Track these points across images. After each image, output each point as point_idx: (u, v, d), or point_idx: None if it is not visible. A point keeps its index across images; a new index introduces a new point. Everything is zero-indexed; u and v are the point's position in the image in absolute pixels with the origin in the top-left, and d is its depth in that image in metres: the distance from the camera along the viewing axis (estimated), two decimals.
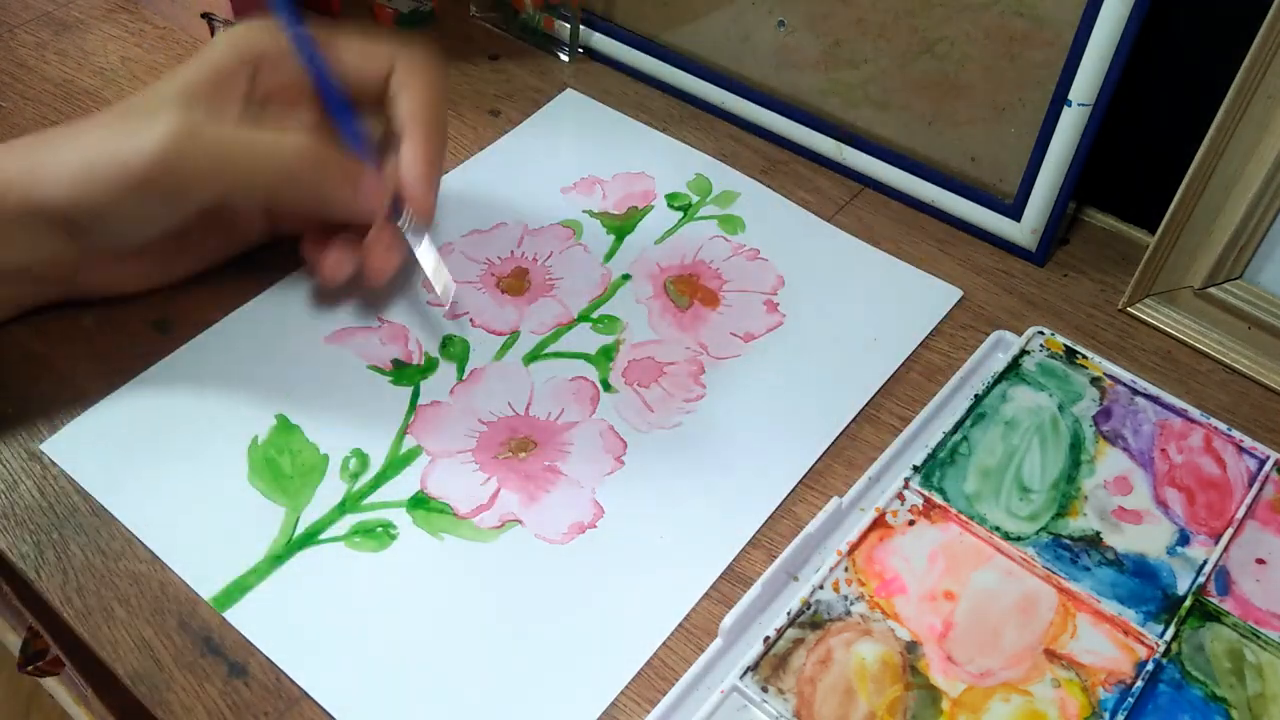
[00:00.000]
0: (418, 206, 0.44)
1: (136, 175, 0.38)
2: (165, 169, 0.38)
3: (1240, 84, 0.42)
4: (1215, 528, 0.40)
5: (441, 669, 0.36)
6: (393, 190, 0.44)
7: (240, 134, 0.40)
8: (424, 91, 0.44)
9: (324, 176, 0.41)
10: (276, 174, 0.40)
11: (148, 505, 0.40)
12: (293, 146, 0.40)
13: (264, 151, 0.40)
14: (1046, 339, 0.46)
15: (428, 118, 0.44)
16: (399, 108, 0.44)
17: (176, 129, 0.38)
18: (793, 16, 0.53)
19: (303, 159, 0.40)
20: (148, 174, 0.38)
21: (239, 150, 0.40)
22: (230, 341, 0.45)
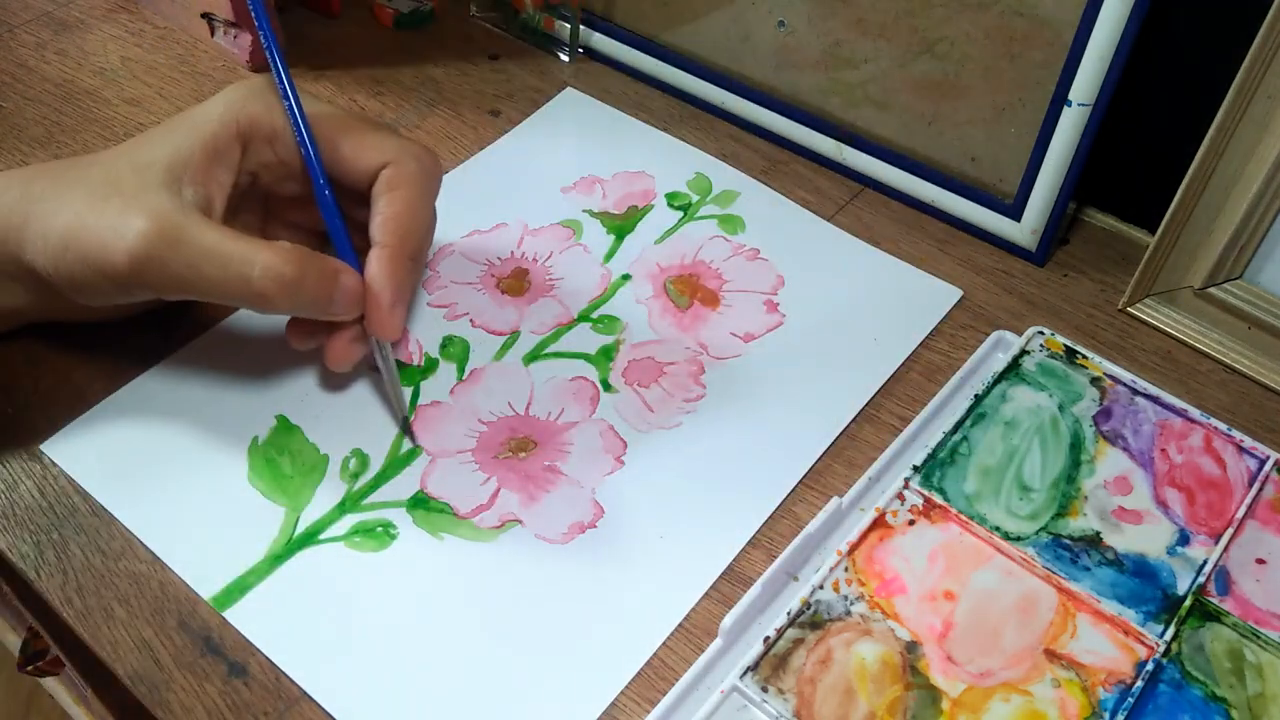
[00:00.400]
0: (379, 324, 0.40)
1: (114, 268, 0.37)
2: (139, 270, 0.37)
3: (1240, 84, 0.42)
4: (1215, 528, 0.40)
5: (441, 669, 0.36)
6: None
7: (217, 244, 0.37)
8: (409, 201, 0.41)
9: (296, 295, 0.38)
10: (245, 295, 0.38)
11: (148, 505, 0.40)
12: (264, 267, 0.37)
13: (237, 271, 0.37)
14: (1046, 339, 0.46)
15: (406, 231, 0.40)
16: (379, 212, 0.40)
17: (156, 228, 0.36)
18: (793, 16, 0.53)
19: (277, 282, 0.37)
20: (124, 271, 0.37)
21: (212, 264, 0.37)
22: (230, 341, 0.45)
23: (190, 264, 0.37)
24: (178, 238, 0.37)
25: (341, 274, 0.39)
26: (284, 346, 0.45)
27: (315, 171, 0.41)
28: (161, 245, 0.37)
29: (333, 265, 0.39)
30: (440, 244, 0.50)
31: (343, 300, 0.39)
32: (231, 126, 0.40)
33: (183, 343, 0.45)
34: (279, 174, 0.42)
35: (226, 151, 0.40)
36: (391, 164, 0.41)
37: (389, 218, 0.40)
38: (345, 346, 0.41)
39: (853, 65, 0.52)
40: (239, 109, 0.40)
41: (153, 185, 0.38)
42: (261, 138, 0.41)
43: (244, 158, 0.41)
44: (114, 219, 0.37)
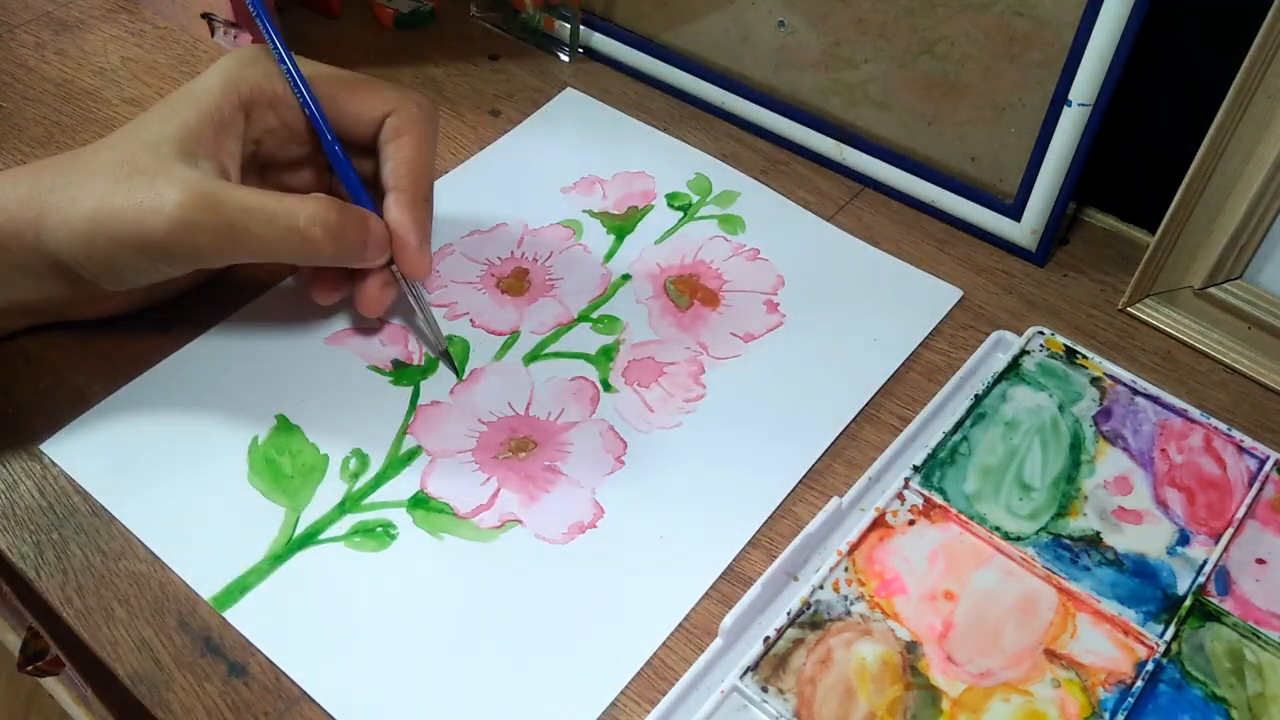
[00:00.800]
0: (412, 265, 0.42)
1: (155, 241, 0.37)
2: (184, 236, 0.37)
3: (1240, 84, 0.42)
4: (1215, 528, 0.40)
5: (441, 669, 0.36)
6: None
7: (256, 200, 0.38)
8: (418, 145, 0.42)
9: (340, 240, 0.40)
10: (295, 246, 0.39)
11: (148, 505, 0.40)
12: (309, 218, 0.39)
13: (282, 222, 0.38)
14: (1046, 339, 0.46)
15: (419, 173, 0.42)
16: (390, 158, 0.42)
17: (193, 196, 0.37)
18: (793, 16, 0.53)
19: (323, 228, 0.39)
20: (166, 241, 0.37)
21: (258, 221, 0.38)
22: (231, 342, 0.45)
23: (234, 224, 0.38)
24: (216, 201, 0.38)
25: (370, 220, 0.41)
26: (284, 346, 0.45)
27: (323, 128, 0.42)
28: (201, 211, 0.37)
29: (363, 212, 0.41)
30: (440, 244, 0.50)
31: (375, 244, 0.41)
32: (233, 96, 0.41)
33: (183, 343, 0.45)
34: (282, 138, 0.43)
35: (232, 122, 0.41)
36: (394, 112, 0.42)
37: (400, 162, 0.42)
38: (378, 292, 0.43)
39: (853, 65, 0.52)
40: (238, 78, 0.41)
41: (171, 160, 0.38)
42: (264, 104, 0.42)
43: (248, 126, 0.42)
44: (144, 195, 0.37)
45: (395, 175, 0.42)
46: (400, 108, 0.42)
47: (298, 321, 0.46)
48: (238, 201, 0.38)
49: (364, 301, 0.43)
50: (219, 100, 0.40)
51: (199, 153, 0.39)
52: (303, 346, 0.45)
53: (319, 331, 0.46)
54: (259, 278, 0.48)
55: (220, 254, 0.39)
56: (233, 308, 0.46)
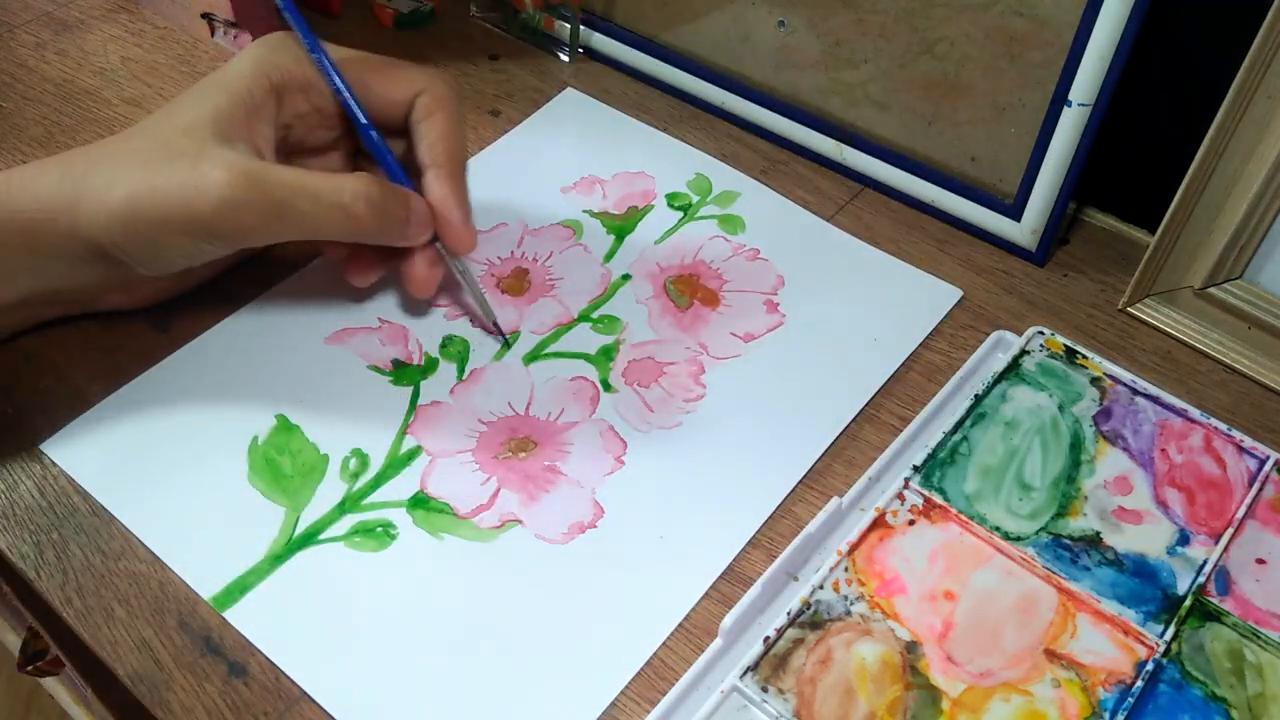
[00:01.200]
0: (457, 240, 0.43)
1: (201, 220, 0.38)
2: (230, 215, 0.38)
3: (1240, 84, 0.42)
4: (1215, 528, 0.40)
5: (441, 669, 0.36)
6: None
7: (300, 179, 0.39)
8: (450, 122, 0.43)
9: (383, 216, 0.40)
10: (341, 222, 0.40)
11: (148, 505, 0.40)
12: (353, 194, 0.39)
13: (327, 199, 0.39)
14: (1046, 339, 0.46)
15: (455, 149, 0.43)
16: (424, 137, 0.43)
17: (237, 175, 0.38)
18: (793, 16, 0.53)
19: (366, 204, 0.40)
20: (212, 219, 0.38)
21: (303, 199, 0.39)
22: (230, 341, 0.45)
23: (279, 201, 0.38)
24: (260, 180, 0.38)
25: (411, 197, 0.42)
26: (284, 346, 0.45)
27: (356, 112, 0.43)
28: (246, 190, 0.38)
29: (404, 190, 0.42)
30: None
31: (418, 221, 0.42)
32: (264, 81, 0.41)
33: (183, 343, 0.45)
34: (311, 123, 0.44)
35: (263, 106, 0.41)
36: (423, 92, 0.43)
37: (436, 140, 0.43)
38: (427, 271, 0.44)
39: (853, 65, 0.52)
40: (269, 64, 0.41)
41: (210, 143, 0.39)
42: (294, 88, 0.42)
43: (279, 110, 0.42)
44: (187, 176, 0.38)
45: (432, 152, 0.43)
46: (429, 87, 0.43)
47: (297, 321, 0.46)
48: (282, 179, 0.39)
49: (414, 282, 0.44)
50: (250, 85, 0.41)
51: (234, 136, 0.40)
52: (303, 346, 0.45)
53: (319, 331, 0.46)
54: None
55: (266, 232, 0.39)
56: (233, 308, 0.46)
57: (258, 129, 0.41)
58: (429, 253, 0.44)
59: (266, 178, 0.38)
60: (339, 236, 0.41)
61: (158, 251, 0.39)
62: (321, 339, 0.46)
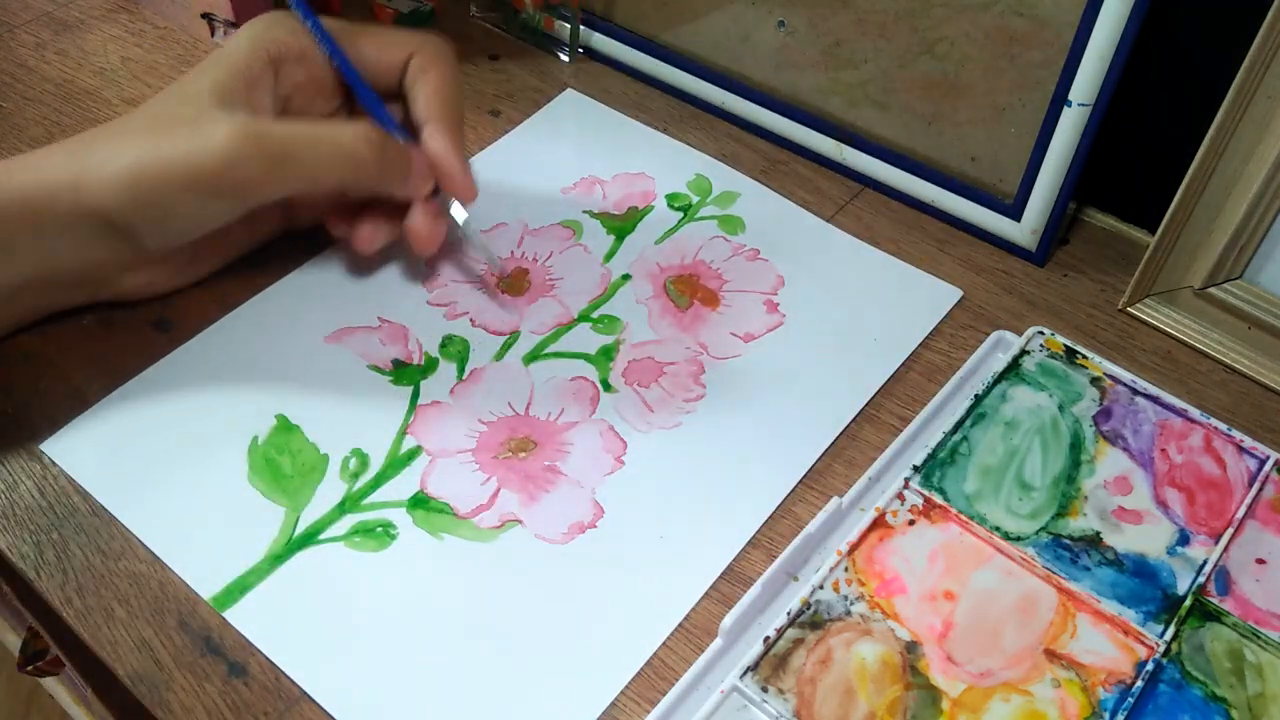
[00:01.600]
0: (461, 189, 0.45)
1: (207, 175, 0.39)
2: (235, 168, 0.39)
3: (1240, 84, 0.42)
4: (1215, 528, 0.40)
5: (441, 669, 0.36)
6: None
7: (302, 129, 0.40)
8: (444, 78, 0.44)
9: (384, 159, 0.42)
10: (343, 165, 0.41)
11: (148, 505, 0.40)
12: (353, 136, 0.41)
13: (329, 145, 0.40)
14: (1046, 339, 0.46)
15: (451, 102, 0.44)
16: (420, 93, 0.44)
17: (240, 129, 0.39)
18: (793, 16, 0.53)
19: (369, 147, 0.41)
20: (218, 174, 0.39)
21: (305, 145, 0.40)
22: (230, 341, 0.45)
23: (282, 151, 0.40)
24: (261, 132, 0.39)
25: (411, 149, 0.43)
26: (284, 346, 0.45)
27: (351, 73, 0.44)
28: (249, 143, 0.39)
29: (402, 142, 0.43)
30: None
31: (420, 171, 0.43)
32: (262, 54, 0.42)
33: (183, 343, 0.45)
34: (309, 93, 0.44)
35: (261, 77, 0.42)
36: (416, 52, 0.44)
37: (432, 95, 0.44)
38: (431, 226, 0.45)
39: (853, 65, 0.52)
40: (265, 36, 0.42)
41: (210, 108, 0.40)
42: (291, 59, 0.43)
43: (277, 82, 0.43)
44: (189, 137, 0.39)
45: (428, 107, 0.44)
46: (421, 48, 0.44)
47: (297, 321, 0.46)
48: (283, 130, 0.40)
49: (419, 238, 0.45)
50: (248, 58, 0.42)
51: (235, 103, 0.41)
52: (303, 346, 0.45)
53: (319, 331, 0.46)
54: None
55: (270, 183, 0.40)
56: (232, 307, 0.46)
57: (257, 99, 0.42)
58: (431, 206, 0.45)
59: (267, 130, 0.40)
60: (342, 183, 0.42)
61: (164, 216, 0.40)
62: (321, 339, 0.46)
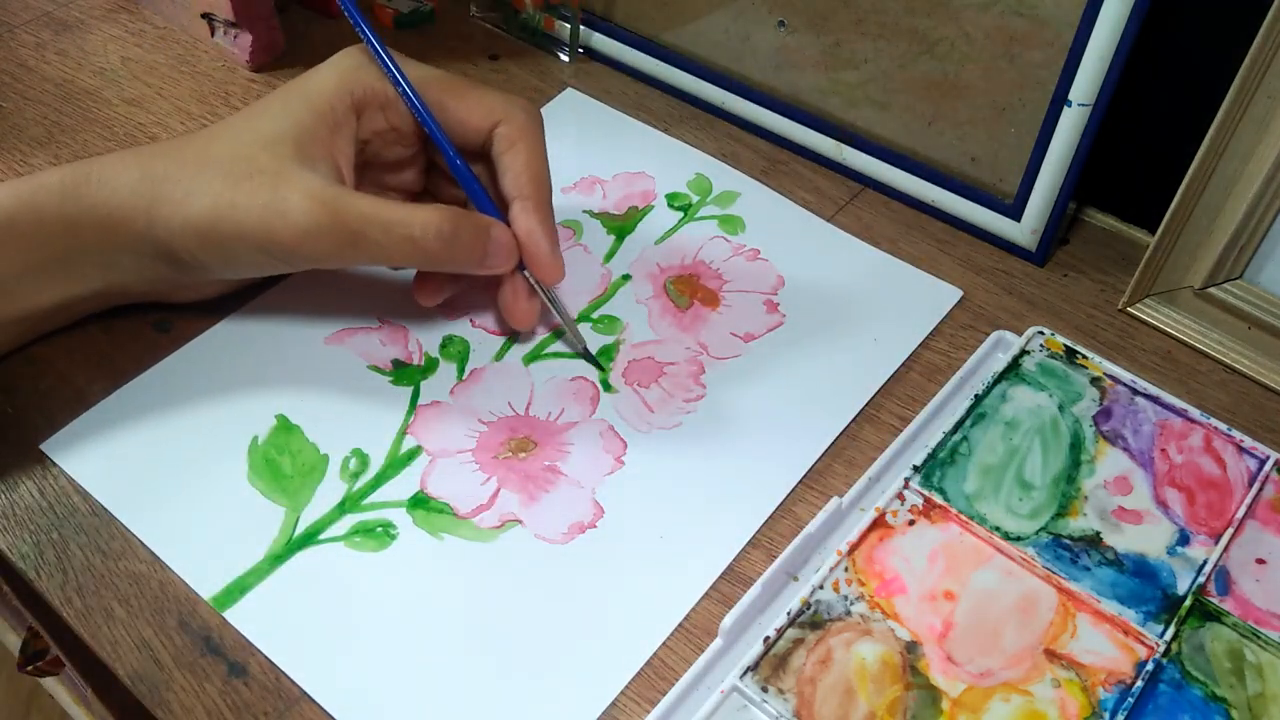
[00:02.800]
0: (546, 271, 0.43)
1: (279, 245, 0.39)
2: (309, 243, 0.39)
3: (1240, 84, 0.42)
4: (1215, 528, 0.40)
5: (441, 669, 0.36)
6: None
7: (376, 211, 0.39)
8: (534, 152, 0.43)
9: (454, 248, 0.40)
10: (411, 253, 0.40)
11: (148, 505, 0.40)
12: (423, 227, 0.39)
13: (399, 232, 0.39)
14: (1046, 339, 0.46)
15: (541, 179, 0.43)
16: (509, 167, 0.43)
17: (318, 204, 0.38)
18: (793, 16, 0.53)
19: (439, 238, 0.40)
20: (292, 246, 0.39)
21: (376, 229, 0.39)
22: (230, 341, 0.45)
23: (355, 232, 0.39)
24: (337, 209, 0.39)
25: (492, 228, 0.42)
26: (284, 346, 0.45)
27: (444, 143, 0.43)
28: (325, 218, 0.38)
29: (484, 220, 0.42)
30: None
31: (497, 252, 0.42)
32: (346, 98, 0.41)
33: (183, 343, 0.45)
34: (389, 140, 0.44)
35: (344, 122, 0.41)
36: (503, 121, 0.43)
37: (520, 170, 0.43)
38: (525, 305, 0.44)
39: (853, 65, 0.52)
40: (353, 79, 0.42)
41: (290, 162, 0.39)
42: (375, 106, 0.42)
43: (359, 126, 0.42)
44: (268, 198, 0.38)
45: (518, 184, 0.43)
46: (508, 116, 0.43)
47: (298, 321, 0.46)
48: (359, 210, 0.39)
49: (515, 316, 0.44)
50: (333, 101, 0.41)
51: (315, 154, 0.40)
52: (303, 346, 0.45)
53: (319, 331, 0.46)
54: None
55: (340, 258, 0.40)
56: (233, 308, 0.46)
57: (338, 146, 0.41)
58: (522, 284, 0.44)
59: (344, 207, 0.39)
60: (412, 265, 0.42)
61: (231, 264, 0.41)
62: (321, 339, 0.46)
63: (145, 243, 0.40)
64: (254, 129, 0.40)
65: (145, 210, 0.39)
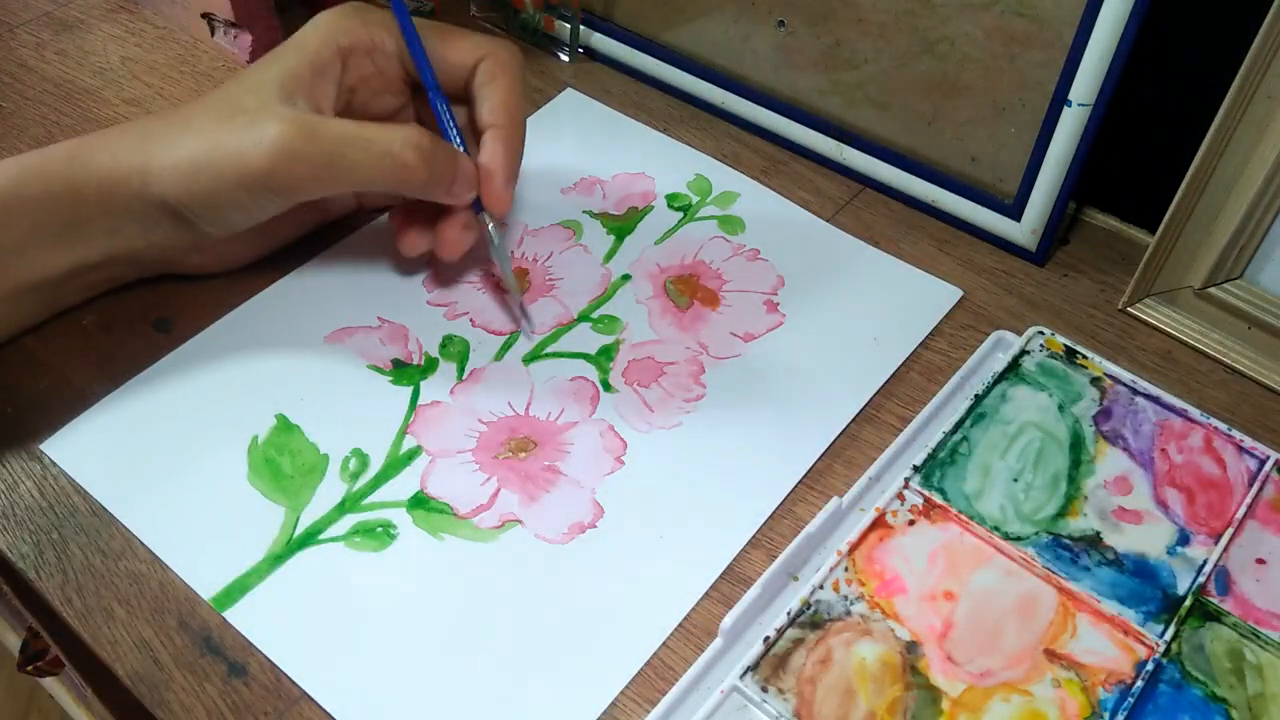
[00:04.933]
0: (497, 204, 0.44)
1: (255, 173, 0.39)
2: (283, 167, 0.39)
3: (1240, 84, 0.42)
4: (1215, 528, 0.40)
5: (441, 669, 0.36)
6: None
7: (352, 129, 0.40)
8: (512, 87, 0.44)
9: (431, 169, 0.42)
10: (389, 168, 0.41)
11: (147, 505, 0.40)
12: (403, 142, 0.41)
13: (378, 147, 0.40)
14: (1046, 339, 0.46)
15: (516, 115, 0.44)
16: (485, 100, 0.44)
17: (292, 127, 0.39)
18: (793, 16, 0.53)
19: (416, 152, 0.41)
20: (266, 171, 0.39)
21: (354, 146, 0.40)
22: (230, 341, 0.45)
23: (331, 152, 0.40)
24: (313, 131, 0.40)
25: (459, 156, 0.43)
26: (284, 346, 0.45)
27: (426, 72, 0.44)
28: (299, 141, 0.39)
29: (453, 147, 0.43)
30: None
31: (463, 179, 0.43)
32: (332, 44, 0.43)
33: (183, 342, 0.45)
34: (375, 87, 0.45)
35: (329, 67, 0.43)
36: (487, 57, 0.44)
37: (498, 103, 0.44)
38: (458, 234, 0.45)
39: (853, 65, 0.52)
40: (338, 28, 0.43)
41: (271, 100, 0.41)
42: (361, 51, 0.44)
43: (344, 73, 0.43)
44: (244, 131, 0.39)
45: (493, 114, 0.44)
46: (492, 53, 0.44)
47: (297, 321, 0.46)
48: (334, 130, 0.40)
49: (444, 244, 0.45)
50: (319, 47, 0.42)
51: (297, 93, 0.41)
52: (302, 346, 0.45)
53: (319, 331, 0.46)
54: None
55: (318, 182, 0.41)
56: (232, 307, 0.46)
57: (321, 88, 0.42)
58: (465, 216, 0.45)
59: (319, 128, 0.40)
60: (389, 186, 0.42)
61: (218, 207, 0.41)
62: (321, 338, 0.46)
63: (144, 202, 0.41)
64: (242, 79, 0.42)
65: (140, 168, 0.40)
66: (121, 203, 0.41)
